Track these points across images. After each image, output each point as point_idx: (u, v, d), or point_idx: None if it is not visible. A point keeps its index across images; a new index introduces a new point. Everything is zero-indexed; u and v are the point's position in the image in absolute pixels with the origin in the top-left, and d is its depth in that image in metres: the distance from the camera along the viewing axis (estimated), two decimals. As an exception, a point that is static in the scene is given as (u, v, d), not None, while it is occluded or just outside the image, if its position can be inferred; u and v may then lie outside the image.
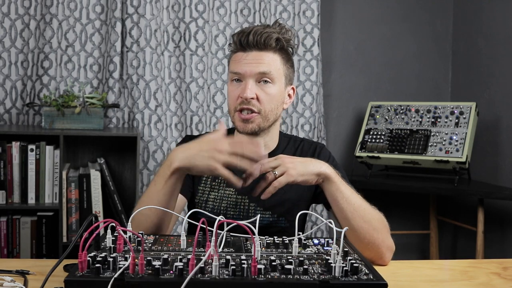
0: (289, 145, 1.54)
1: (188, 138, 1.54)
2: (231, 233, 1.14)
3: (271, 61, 1.40)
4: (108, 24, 2.60)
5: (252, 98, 1.38)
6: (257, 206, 1.46)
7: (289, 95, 1.49)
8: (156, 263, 0.89)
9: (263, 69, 1.39)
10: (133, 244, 1.08)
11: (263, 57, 1.39)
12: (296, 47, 1.80)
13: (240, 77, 1.41)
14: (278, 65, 1.41)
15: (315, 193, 1.48)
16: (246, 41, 1.39)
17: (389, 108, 2.86)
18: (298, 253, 1.06)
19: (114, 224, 1.00)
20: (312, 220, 2.85)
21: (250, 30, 1.39)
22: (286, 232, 1.45)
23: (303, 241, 1.09)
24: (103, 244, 1.05)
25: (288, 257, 1.01)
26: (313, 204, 1.54)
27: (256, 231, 1.02)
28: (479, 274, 1.27)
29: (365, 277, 0.92)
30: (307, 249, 1.09)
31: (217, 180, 1.50)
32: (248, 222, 1.03)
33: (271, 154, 1.45)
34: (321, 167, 1.28)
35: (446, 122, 2.69)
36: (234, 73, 1.42)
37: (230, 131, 1.55)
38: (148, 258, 0.92)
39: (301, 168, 1.26)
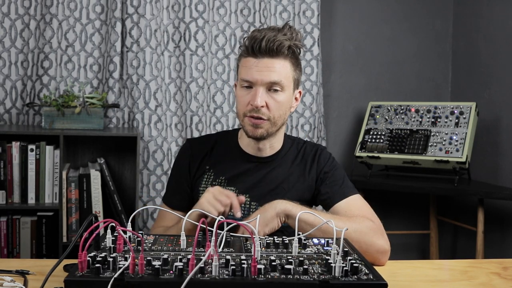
0: (293, 146, 1.58)
1: (189, 142, 1.58)
2: (231, 233, 1.14)
3: (282, 69, 1.40)
4: (108, 24, 2.60)
5: (262, 107, 1.40)
6: (258, 206, 1.46)
7: (295, 98, 1.51)
8: (156, 263, 0.89)
9: (274, 79, 1.39)
10: (133, 244, 1.08)
11: (274, 65, 1.39)
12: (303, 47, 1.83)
13: (250, 84, 1.42)
14: (288, 72, 1.42)
15: (314, 194, 1.53)
16: (259, 47, 1.38)
17: (389, 108, 2.86)
18: (298, 253, 1.06)
19: (114, 224, 1.00)
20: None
21: (262, 37, 1.38)
22: (286, 232, 1.46)
23: (303, 241, 1.09)
24: (103, 244, 1.05)
25: (288, 257, 1.00)
26: (313, 206, 1.57)
27: (256, 231, 1.02)
28: (479, 274, 1.27)
29: (365, 277, 0.92)
30: (307, 249, 1.09)
31: (217, 180, 1.50)
32: (248, 222, 1.03)
33: (276, 155, 1.53)
34: (279, 208, 1.30)
35: (446, 122, 2.68)
36: (245, 80, 1.42)
37: (234, 131, 1.57)
38: (148, 258, 0.92)
39: (263, 222, 1.28)
